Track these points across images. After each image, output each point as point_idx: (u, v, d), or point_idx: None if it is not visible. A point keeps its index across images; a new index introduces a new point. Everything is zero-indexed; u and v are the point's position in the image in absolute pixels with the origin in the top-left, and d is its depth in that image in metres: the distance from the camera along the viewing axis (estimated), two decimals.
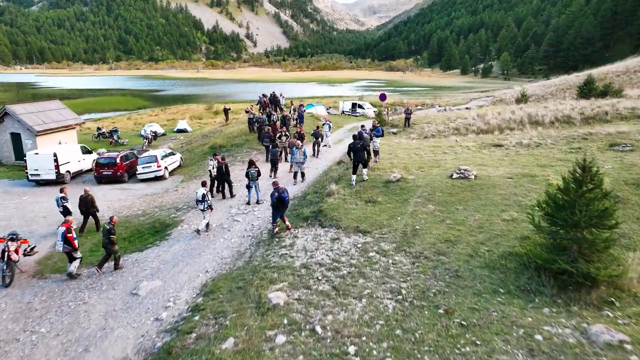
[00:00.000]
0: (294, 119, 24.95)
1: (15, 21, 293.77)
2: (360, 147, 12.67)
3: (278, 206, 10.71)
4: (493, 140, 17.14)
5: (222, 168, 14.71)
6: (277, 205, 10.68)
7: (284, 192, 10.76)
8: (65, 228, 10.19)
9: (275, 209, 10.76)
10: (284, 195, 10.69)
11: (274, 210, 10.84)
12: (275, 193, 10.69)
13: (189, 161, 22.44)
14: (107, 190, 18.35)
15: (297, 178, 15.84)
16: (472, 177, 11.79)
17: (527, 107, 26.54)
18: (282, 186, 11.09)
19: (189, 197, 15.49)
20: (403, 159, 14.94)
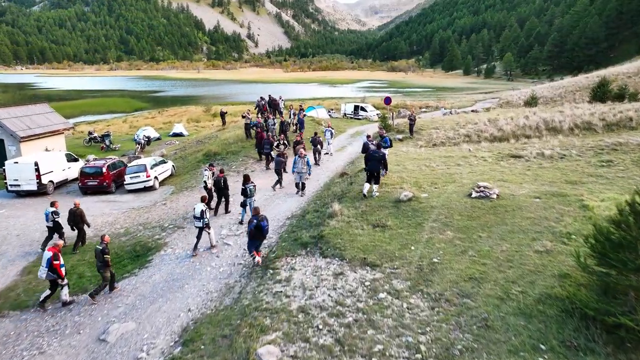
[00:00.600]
0: (294, 124, 23.56)
1: (17, 21, 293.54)
2: (378, 157, 11.51)
3: (255, 236, 9.40)
4: (510, 150, 15.70)
5: (220, 182, 13.33)
6: (254, 234, 9.38)
7: (264, 220, 9.43)
8: (52, 253, 8.93)
9: (253, 238, 9.45)
10: (263, 224, 9.36)
11: (250, 240, 9.54)
12: (254, 221, 9.39)
13: (182, 169, 21.07)
14: (92, 203, 16.96)
15: (300, 189, 14.49)
16: (494, 197, 10.37)
17: (540, 111, 25.10)
18: (263, 213, 9.81)
19: (177, 213, 14.11)
20: (413, 171, 13.53)
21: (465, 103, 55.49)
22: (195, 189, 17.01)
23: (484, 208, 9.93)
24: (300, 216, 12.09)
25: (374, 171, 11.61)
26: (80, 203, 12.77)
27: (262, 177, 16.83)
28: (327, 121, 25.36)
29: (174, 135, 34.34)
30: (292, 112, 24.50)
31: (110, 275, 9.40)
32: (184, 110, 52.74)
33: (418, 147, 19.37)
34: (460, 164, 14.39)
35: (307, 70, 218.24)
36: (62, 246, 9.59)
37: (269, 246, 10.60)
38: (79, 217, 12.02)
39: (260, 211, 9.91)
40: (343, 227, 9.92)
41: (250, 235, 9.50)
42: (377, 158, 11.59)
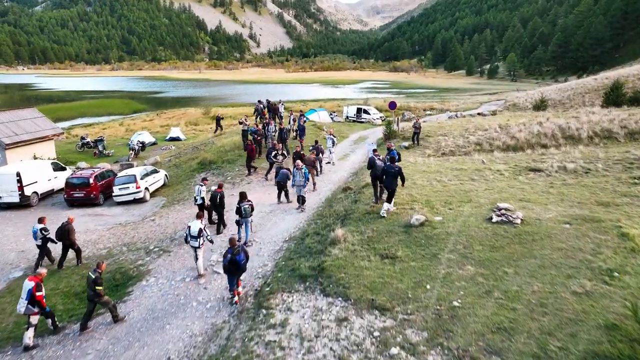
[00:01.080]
0: (294, 131, 22.37)
1: (19, 21, 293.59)
2: (394, 172, 10.41)
3: (231, 271, 8.32)
4: (528, 163, 14.46)
5: (217, 199, 12.12)
6: (229, 269, 8.30)
7: (240, 253, 8.33)
8: (34, 283, 7.91)
9: (229, 273, 8.39)
10: (239, 258, 8.26)
11: (228, 276, 8.50)
12: (228, 255, 8.30)
13: (175, 179, 19.92)
14: (77, 217, 15.52)
15: (300, 203, 13.36)
16: (517, 222, 9.16)
17: (553, 116, 23.83)
18: (239, 244, 8.81)
19: (165, 232, 12.94)
20: (423, 187, 12.32)
21: (470, 105, 54.20)
22: (188, 203, 15.85)
23: (507, 236, 8.72)
24: (299, 239, 10.90)
25: (389, 188, 10.58)
26: (74, 219, 11.85)
27: (259, 190, 15.66)
28: (328, 128, 24.13)
29: (170, 140, 33.25)
30: (292, 117, 23.28)
31: (109, 306, 8.41)
32: (182, 112, 51.63)
33: (426, 157, 18.14)
34: (474, 178, 13.17)
35: (308, 70, 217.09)
36: (44, 276, 8.53)
37: (263, 276, 9.43)
38: (66, 233, 11.21)
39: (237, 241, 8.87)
40: (347, 257, 8.72)
41: (225, 270, 8.42)
42: (393, 174, 10.48)
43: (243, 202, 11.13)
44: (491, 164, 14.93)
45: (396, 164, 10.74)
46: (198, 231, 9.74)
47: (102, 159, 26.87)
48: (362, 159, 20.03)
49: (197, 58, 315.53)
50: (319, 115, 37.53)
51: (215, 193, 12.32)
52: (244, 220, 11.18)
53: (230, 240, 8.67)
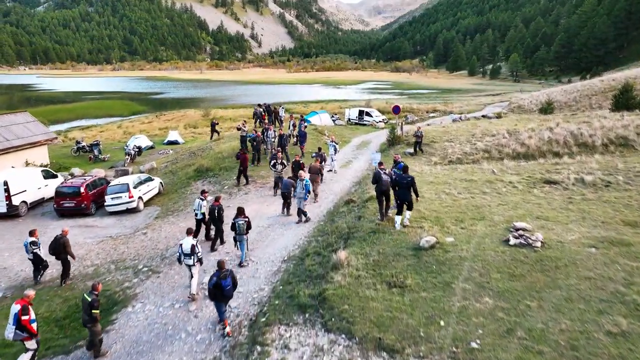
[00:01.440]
0: (294, 136, 21.57)
1: (21, 21, 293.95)
2: (407, 183, 9.75)
3: (216, 296, 7.63)
4: (542, 174, 13.64)
5: (215, 212, 11.36)
6: (214, 294, 7.62)
7: (227, 278, 7.61)
8: (20, 307, 7.21)
9: (214, 299, 7.73)
10: (225, 283, 7.53)
11: (215, 302, 7.85)
12: (214, 278, 7.61)
13: (171, 187, 19.15)
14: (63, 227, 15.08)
15: (300, 217, 12.61)
16: (537, 245, 8.36)
17: (563, 121, 22.99)
18: (228, 268, 7.96)
19: (157, 248, 12.17)
20: (432, 202, 11.51)
21: (474, 107, 53.34)
22: (182, 214, 15.09)
23: (527, 262, 7.91)
24: (299, 259, 10.11)
25: (404, 201, 9.91)
26: (68, 231, 11.28)
27: (257, 201, 14.87)
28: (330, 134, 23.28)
29: (168, 144, 32.51)
30: (292, 122, 22.46)
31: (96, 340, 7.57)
32: (182, 114, 50.91)
33: (432, 165, 17.34)
34: (486, 191, 12.35)
35: (310, 70, 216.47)
36: (32, 297, 7.77)
37: (259, 302, 8.65)
38: (61, 247, 10.60)
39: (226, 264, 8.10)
40: (351, 284, 7.93)
41: (210, 296, 7.74)
42: (406, 185, 9.81)
43: (239, 217, 10.38)
44: (503, 174, 14.11)
45: (409, 174, 10.00)
46: (190, 248, 9.15)
47: (97, 164, 26.13)
48: (365, 166, 19.24)
49: (199, 58, 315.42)
50: (320, 117, 36.73)
51: (213, 206, 11.56)
52: (240, 238, 10.44)
53: (219, 263, 7.97)
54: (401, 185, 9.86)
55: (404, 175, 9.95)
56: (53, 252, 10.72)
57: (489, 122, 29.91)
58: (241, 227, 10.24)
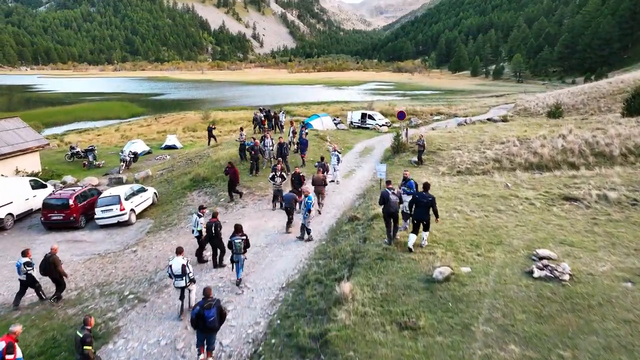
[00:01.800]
0: (294, 144, 20.69)
1: (23, 22, 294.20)
2: (427, 202, 9.06)
3: (199, 326, 7.00)
4: (560, 188, 12.71)
5: (212, 229, 10.57)
6: (197, 325, 7.00)
7: (212, 309, 6.93)
8: (5, 344, 6.47)
9: (196, 329, 7.10)
10: (208, 314, 6.87)
11: (197, 332, 7.19)
12: (197, 307, 7.00)
13: (165, 197, 18.28)
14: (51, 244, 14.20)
15: (303, 233, 11.81)
16: (565, 278, 7.46)
17: (575, 127, 22.03)
18: (215, 297, 7.31)
19: (146, 270, 11.31)
20: (443, 221, 10.60)
21: (478, 110, 52.36)
22: (175, 229, 14.23)
23: (556, 300, 7.01)
24: (299, 287, 9.23)
25: (421, 220, 9.19)
26: (57, 248, 10.60)
27: (254, 216, 14.00)
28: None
29: (166, 148, 31.68)
30: (292, 129, 21.51)
31: None
32: (181, 116, 50.11)
33: (440, 176, 16.44)
34: (500, 209, 11.44)
35: (312, 70, 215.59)
36: (19, 334, 6.96)
37: (254, 340, 7.77)
38: (51, 266, 9.99)
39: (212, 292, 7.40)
40: (357, 324, 7.03)
41: (192, 325, 7.10)
42: (426, 204, 9.10)
43: (236, 235, 9.59)
44: (517, 189, 13.19)
45: (430, 193, 9.18)
46: (181, 268, 8.51)
47: (91, 170, 25.32)
48: (369, 175, 18.35)
49: (200, 58, 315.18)
50: (322, 121, 35.87)
51: (210, 223, 10.73)
52: (238, 257, 9.65)
53: (205, 290, 7.26)
54: (420, 203, 9.13)
55: (425, 194, 9.23)
56: (44, 272, 10.13)
57: (495, 126, 28.96)
58: (238, 247, 9.50)
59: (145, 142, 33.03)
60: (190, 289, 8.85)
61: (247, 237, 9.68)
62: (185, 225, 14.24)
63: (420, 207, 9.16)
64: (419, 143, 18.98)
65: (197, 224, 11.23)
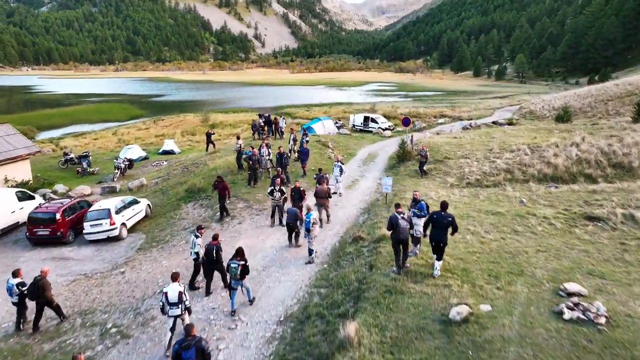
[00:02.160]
0: (295, 152, 19.79)
1: (25, 22, 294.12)
2: (446, 223, 8.33)
3: None
4: (579, 205, 11.79)
5: (212, 253, 9.72)
6: None
7: (190, 349, 6.09)
8: None
9: None
10: (185, 355, 6.06)
11: None
12: (175, 345, 6.20)
13: (159, 209, 17.42)
14: (37, 262, 13.45)
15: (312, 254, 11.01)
16: (600, 322, 6.55)
17: (588, 133, 21.08)
18: (196, 335, 6.37)
19: (132, 297, 10.42)
20: (456, 245, 9.71)
21: (483, 112, 51.37)
22: (167, 247, 13.34)
23: (593, 350, 6.09)
24: (298, 322, 8.33)
25: (439, 242, 8.41)
26: (48, 271, 9.95)
27: (251, 234, 13.10)
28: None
29: (163, 153, 30.81)
30: (293, 137, 20.59)
31: None
32: (180, 119, 49.25)
33: (449, 187, 15.52)
34: (517, 229, 10.53)
35: (313, 71, 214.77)
36: None
37: None
38: (40, 290, 9.34)
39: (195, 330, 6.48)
40: None
41: None
42: (446, 225, 8.36)
43: (234, 259, 8.82)
44: (534, 205, 12.26)
45: (446, 213, 8.45)
46: (178, 296, 7.81)
47: (85, 178, 24.48)
48: (373, 186, 17.46)
49: (202, 58, 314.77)
50: (323, 124, 35.07)
51: (210, 246, 9.85)
52: (236, 283, 8.91)
53: (186, 328, 6.45)
54: (440, 224, 8.37)
55: (444, 214, 8.45)
56: (32, 296, 9.46)
57: (503, 131, 28.01)
58: (233, 272, 8.73)
59: (143, 147, 32.23)
60: (183, 318, 8.03)
61: (245, 263, 8.85)
62: (178, 243, 13.38)
63: (439, 229, 8.40)
64: (421, 153, 18.00)
65: (195, 245, 10.39)
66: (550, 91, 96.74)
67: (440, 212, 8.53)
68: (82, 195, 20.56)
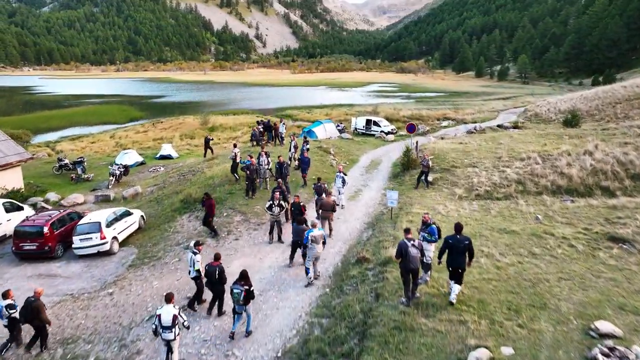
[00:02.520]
0: (295, 160, 18.99)
1: (26, 22, 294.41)
2: (463, 247, 7.73)
3: None
4: (600, 223, 10.99)
5: (215, 274, 9.01)
6: None
7: None
8: None
9: None
10: None
11: None
12: None
13: (153, 220, 16.67)
14: (22, 280, 12.74)
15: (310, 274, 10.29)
16: None
17: (599, 139, 20.25)
18: None
19: (120, 322, 9.67)
20: (470, 271, 8.88)
21: (487, 114, 50.52)
22: (159, 265, 12.57)
23: None
24: (297, 358, 7.55)
25: (458, 268, 7.81)
26: (42, 292, 9.46)
27: (248, 252, 12.32)
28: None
29: (161, 158, 30.05)
30: (294, 144, 19.78)
31: None
32: (179, 122, 48.51)
33: (457, 200, 14.72)
34: (535, 252, 9.73)
35: (314, 71, 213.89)
36: None
37: None
38: (34, 312, 8.81)
39: None
40: None
41: None
42: (461, 249, 7.76)
43: (237, 283, 8.19)
44: (550, 223, 11.46)
45: (462, 237, 7.83)
46: (172, 319, 7.28)
47: (79, 185, 23.75)
48: (377, 197, 16.67)
49: (203, 58, 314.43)
50: (325, 128, 34.30)
51: (212, 267, 9.12)
52: (240, 308, 8.29)
53: None
54: (457, 249, 7.74)
55: (460, 237, 7.83)
56: (25, 319, 8.95)
57: (510, 136, 27.19)
58: (236, 297, 8.13)
59: (140, 151, 31.54)
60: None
61: (250, 288, 8.20)
62: (171, 260, 12.61)
63: (456, 254, 7.75)
64: (423, 163, 17.12)
65: (194, 263, 9.65)
66: (553, 92, 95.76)
67: (456, 235, 7.83)
68: (75, 205, 19.90)
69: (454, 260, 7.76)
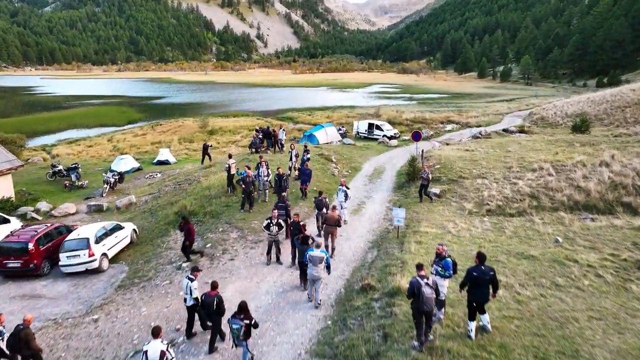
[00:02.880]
0: (295, 169, 18.12)
1: (28, 22, 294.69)
2: (487, 280, 7.03)
3: None
4: (628, 248, 10.10)
5: (213, 304, 8.25)
6: None
7: None
8: None
9: None
10: None
11: None
12: None
13: (146, 233, 15.84)
14: (6, 300, 11.98)
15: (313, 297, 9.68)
16: None
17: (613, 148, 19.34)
18: None
19: (102, 356, 8.84)
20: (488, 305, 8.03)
21: (492, 118, 49.56)
22: (149, 287, 11.71)
23: None
24: None
25: (482, 303, 7.13)
26: (32, 319, 8.60)
27: (244, 275, 11.44)
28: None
29: (158, 164, 29.25)
30: (294, 153, 18.89)
31: None
32: (179, 124, 47.70)
33: (467, 216, 13.84)
34: (559, 282, 8.86)
35: (316, 71, 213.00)
36: None
37: None
38: (22, 342, 8.05)
39: None
40: None
41: None
42: (486, 282, 7.05)
43: (235, 318, 7.40)
44: (572, 246, 10.58)
45: (487, 268, 7.11)
46: (159, 356, 6.64)
47: (73, 192, 22.94)
48: (381, 211, 15.80)
49: (205, 58, 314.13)
50: (326, 132, 33.51)
51: (209, 298, 8.34)
52: (240, 343, 7.50)
53: None
54: (482, 282, 6.99)
55: (484, 268, 7.09)
56: (12, 349, 8.17)
57: (518, 142, 26.28)
58: (235, 333, 7.37)
59: (137, 156, 30.76)
60: None
61: (251, 322, 7.41)
62: (162, 282, 11.76)
63: (480, 288, 7.01)
64: (423, 176, 16.18)
65: (191, 291, 8.82)
66: (557, 93, 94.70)
67: (480, 266, 7.07)
68: (66, 215, 19.13)
69: (479, 294, 6.96)
